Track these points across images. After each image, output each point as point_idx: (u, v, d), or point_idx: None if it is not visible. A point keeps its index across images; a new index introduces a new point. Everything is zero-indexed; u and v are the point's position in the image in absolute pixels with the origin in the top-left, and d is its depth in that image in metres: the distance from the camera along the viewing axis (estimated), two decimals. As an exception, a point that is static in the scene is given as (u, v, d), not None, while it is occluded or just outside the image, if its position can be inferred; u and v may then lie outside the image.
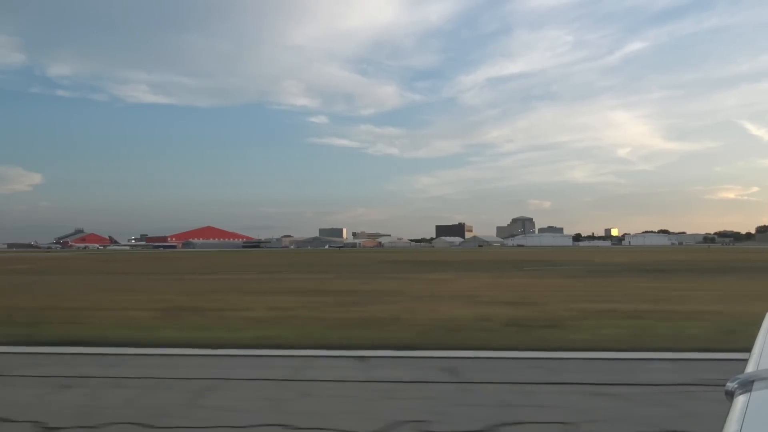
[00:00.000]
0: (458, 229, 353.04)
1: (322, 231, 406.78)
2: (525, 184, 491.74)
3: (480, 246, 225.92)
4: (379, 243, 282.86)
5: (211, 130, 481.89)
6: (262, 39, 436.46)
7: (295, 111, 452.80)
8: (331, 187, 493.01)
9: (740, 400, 1.71)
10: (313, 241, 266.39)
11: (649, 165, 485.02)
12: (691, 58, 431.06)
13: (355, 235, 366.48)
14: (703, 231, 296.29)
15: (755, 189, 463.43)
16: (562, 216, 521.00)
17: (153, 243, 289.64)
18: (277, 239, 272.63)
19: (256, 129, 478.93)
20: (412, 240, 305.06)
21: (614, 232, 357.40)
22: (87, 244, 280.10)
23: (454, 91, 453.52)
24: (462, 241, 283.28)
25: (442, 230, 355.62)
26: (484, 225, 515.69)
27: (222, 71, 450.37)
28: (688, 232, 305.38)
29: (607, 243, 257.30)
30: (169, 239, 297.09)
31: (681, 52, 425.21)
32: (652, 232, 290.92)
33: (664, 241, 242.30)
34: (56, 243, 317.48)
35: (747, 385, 1.81)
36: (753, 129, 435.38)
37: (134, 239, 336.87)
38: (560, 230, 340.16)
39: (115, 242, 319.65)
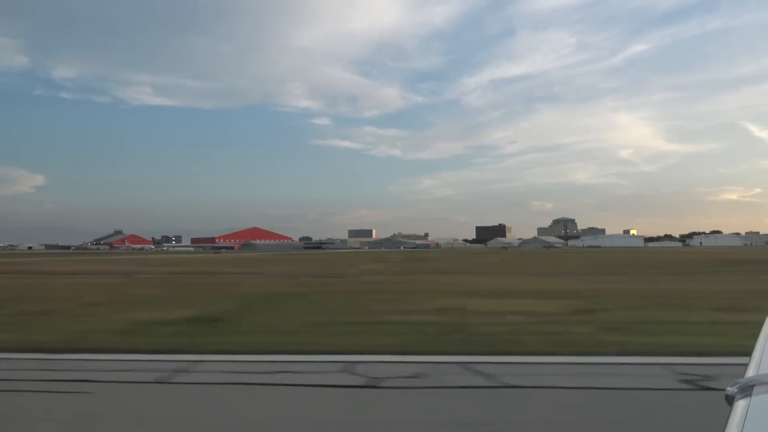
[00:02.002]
0: (499, 230, 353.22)
1: (351, 232, 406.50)
2: (527, 185, 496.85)
3: (546, 247, 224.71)
4: (437, 244, 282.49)
5: (214, 131, 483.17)
6: (265, 41, 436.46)
7: (299, 113, 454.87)
8: (334, 189, 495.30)
9: (740, 405, 1.71)
10: (385, 242, 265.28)
11: (651, 166, 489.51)
12: (694, 60, 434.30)
13: (393, 236, 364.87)
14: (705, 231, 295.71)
15: (758, 190, 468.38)
16: (565, 217, 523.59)
17: (201, 244, 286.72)
18: (342, 240, 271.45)
19: (259, 131, 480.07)
20: (465, 240, 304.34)
21: (633, 233, 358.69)
22: (143, 246, 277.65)
23: (457, 92, 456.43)
24: (521, 242, 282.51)
25: (482, 231, 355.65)
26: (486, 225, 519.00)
27: (225, 73, 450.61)
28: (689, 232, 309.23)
29: (677, 244, 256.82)
30: (216, 240, 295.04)
31: (684, 54, 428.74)
32: (703, 233, 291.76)
33: (735, 241, 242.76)
34: (97, 244, 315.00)
35: (747, 390, 1.81)
36: (756, 131, 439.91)
37: (174, 240, 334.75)
38: (602, 231, 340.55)
39: (158, 243, 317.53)
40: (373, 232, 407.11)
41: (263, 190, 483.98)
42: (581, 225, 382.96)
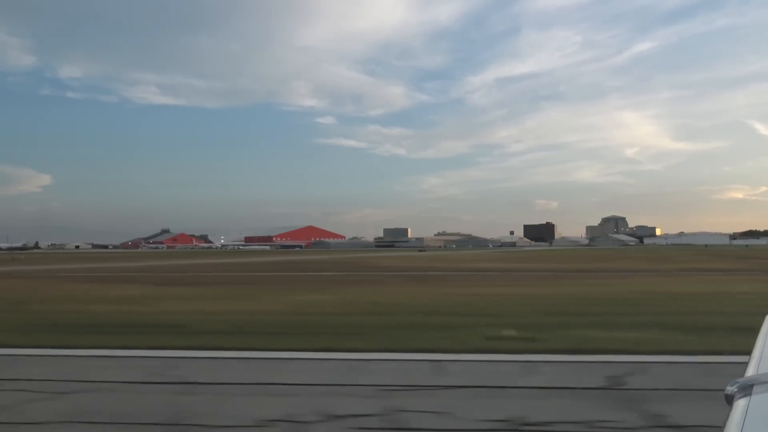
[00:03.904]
0: (547, 229, 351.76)
1: (386, 231, 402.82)
2: (532, 184, 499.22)
3: (624, 245, 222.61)
4: (513, 243, 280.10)
5: (218, 131, 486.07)
6: (270, 40, 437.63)
7: (303, 112, 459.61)
8: (338, 188, 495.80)
9: (740, 404, 1.73)
10: (469, 240, 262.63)
11: (657, 165, 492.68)
12: (700, 57, 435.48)
13: (437, 235, 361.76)
14: (707, 231, 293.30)
15: (763, 189, 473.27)
16: (570, 216, 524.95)
17: (260, 243, 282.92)
18: (417, 238, 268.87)
19: (263, 130, 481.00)
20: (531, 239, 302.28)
21: (658, 232, 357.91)
22: (209, 245, 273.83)
23: (462, 91, 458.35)
24: (590, 240, 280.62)
25: (530, 229, 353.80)
26: (491, 225, 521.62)
27: (231, 72, 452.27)
28: (689, 232, 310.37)
29: (762, 242, 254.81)
30: (274, 238, 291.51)
31: (690, 52, 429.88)
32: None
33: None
34: (152, 242, 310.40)
35: (747, 389, 1.82)
36: (762, 129, 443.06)
37: (222, 239, 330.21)
38: (652, 229, 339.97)
39: (209, 242, 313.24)
40: (408, 231, 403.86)
41: (267, 188, 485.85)
42: (574, 225, 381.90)
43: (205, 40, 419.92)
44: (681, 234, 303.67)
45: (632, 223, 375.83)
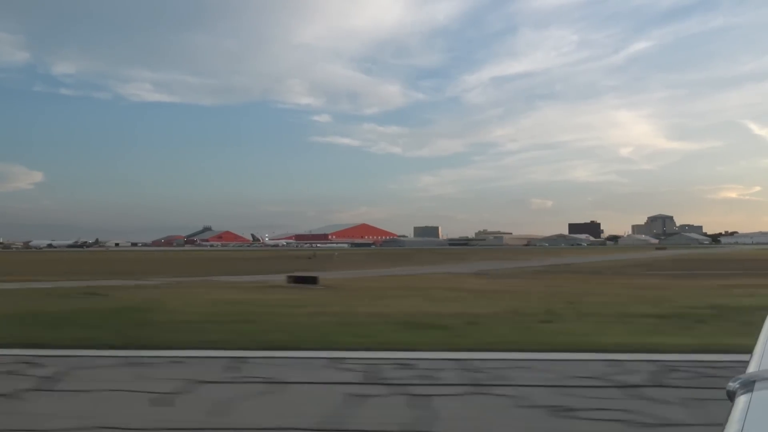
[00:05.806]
0: (593, 227, 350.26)
1: (416, 230, 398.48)
2: (527, 183, 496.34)
3: (700, 245, 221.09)
4: (604, 242, 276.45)
5: (213, 128, 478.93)
6: (266, 37, 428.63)
7: (299, 110, 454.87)
8: (334, 186, 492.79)
9: (741, 401, 1.76)
10: (556, 238, 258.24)
11: (651, 164, 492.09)
12: (695, 57, 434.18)
13: (478, 233, 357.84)
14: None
15: (757, 188, 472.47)
16: (565, 215, 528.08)
17: (307, 241, 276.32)
18: (495, 237, 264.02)
19: (258, 128, 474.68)
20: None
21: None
22: (276, 242, 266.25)
23: (458, 90, 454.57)
24: (662, 239, 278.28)
25: (575, 228, 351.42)
26: (488, 224, 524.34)
27: (226, 70, 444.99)
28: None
29: None
30: (329, 237, 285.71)
31: (686, 51, 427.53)
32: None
33: None
34: (201, 241, 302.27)
35: (748, 386, 1.83)
36: (756, 129, 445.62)
37: (266, 237, 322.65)
38: (699, 228, 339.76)
39: (257, 240, 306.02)
40: (439, 230, 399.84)
41: (263, 187, 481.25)
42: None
43: (200, 37, 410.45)
44: (735, 233, 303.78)
45: (633, 221, 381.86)
